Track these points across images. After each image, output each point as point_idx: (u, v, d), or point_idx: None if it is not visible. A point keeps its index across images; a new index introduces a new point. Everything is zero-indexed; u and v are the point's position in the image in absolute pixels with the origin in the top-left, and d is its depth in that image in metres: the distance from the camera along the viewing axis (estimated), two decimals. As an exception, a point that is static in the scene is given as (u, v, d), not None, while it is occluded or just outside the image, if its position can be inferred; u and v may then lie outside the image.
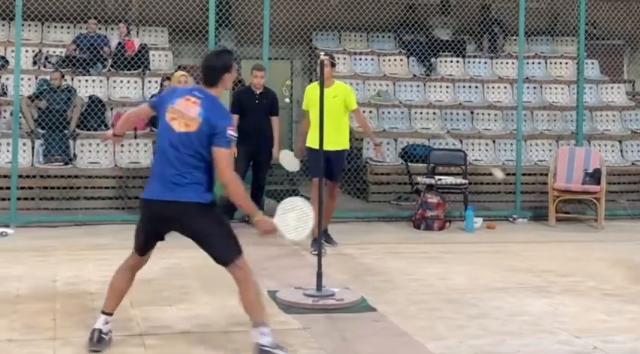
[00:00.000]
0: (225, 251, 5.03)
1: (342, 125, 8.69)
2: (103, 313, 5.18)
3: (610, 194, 11.79)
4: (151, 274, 7.40)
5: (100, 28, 13.63)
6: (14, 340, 5.32)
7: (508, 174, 12.51)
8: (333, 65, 8.73)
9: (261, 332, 4.96)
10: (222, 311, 6.12)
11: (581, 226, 11.11)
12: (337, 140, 8.61)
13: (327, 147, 8.21)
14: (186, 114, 4.95)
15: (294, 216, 5.27)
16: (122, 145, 11.66)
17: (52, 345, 5.21)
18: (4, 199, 10.50)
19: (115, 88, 13.01)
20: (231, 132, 5.01)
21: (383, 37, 15.57)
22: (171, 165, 4.94)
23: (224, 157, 4.99)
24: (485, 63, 15.29)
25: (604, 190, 10.94)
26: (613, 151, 13.79)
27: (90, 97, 12.19)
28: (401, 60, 15.07)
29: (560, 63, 15.61)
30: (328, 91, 8.53)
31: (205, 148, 4.93)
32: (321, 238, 7.04)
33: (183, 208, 4.94)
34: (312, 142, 8.06)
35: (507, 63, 15.17)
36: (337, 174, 8.89)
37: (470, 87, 14.72)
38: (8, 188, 10.20)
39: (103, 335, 5.10)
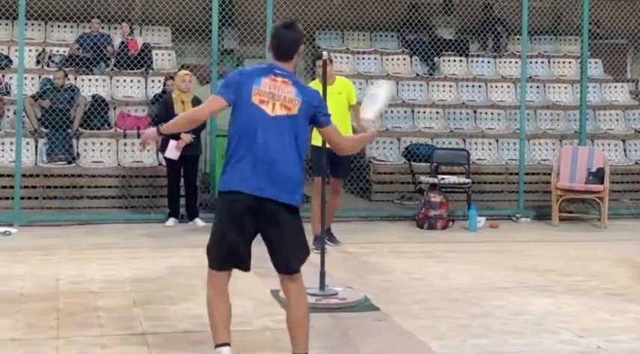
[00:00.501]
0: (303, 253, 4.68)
1: (346, 121, 8.67)
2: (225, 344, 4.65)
3: (613, 193, 11.79)
4: (155, 273, 7.43)
5: (103, 28, 13.64)
6: (17, 339, 5.33)
7: (511, 173, 12.54)
8: (330, 61, 8.70)
9: None
10: (225, 310, 6.11)
11: (584, 225, 11.10)
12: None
13: None
14: (280, 95, 4.48)
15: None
16: (125, 145, 11.68)
17: (55, 344, 5.21)
18: (7, 199, 10.52)
19: (118, 87, 13.02)
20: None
21: (386, 36, 15.56)
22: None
23: (336, 131, 4.67)
24: (489, 62, 15.28)
25: (607, 189, 10.93)
26: (616, 150, 13.77)
27: (93, 97, 12.21)
28: (404, 59, 15.07)
29: (564, 62, 15.59)
30: (333, 88, 8.54)
31: (305, 130, 4.54)
32: (324, 237, 7.03)
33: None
34: (317, 139, 8.02)
35: (510, 62, 15.16)
36: (343, 171, 8.87)
37: (473, 86, 14.71)
38: (12, 187, 10.22)
39: None
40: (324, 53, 7.01)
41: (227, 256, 4.61)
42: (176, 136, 9.86)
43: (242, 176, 4.41)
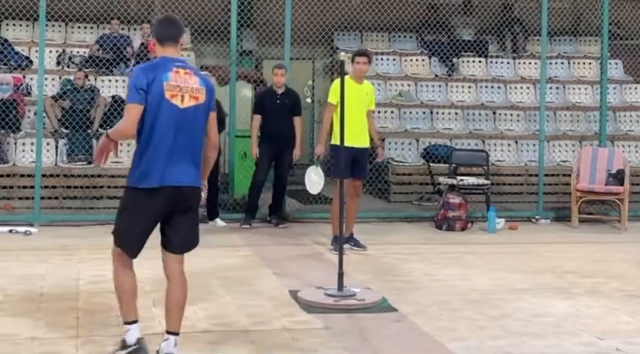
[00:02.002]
0: (197, 237, 4.95)
1: (366, 123, 8.67)
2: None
3: (634, 195, 11.72)
4: (173, 273, 7.44)
5: (122, 29, 13.70)
6: (37, 338, 5.36)
7: (531, 175, 12.50)
8: (370, 61, 8.67)
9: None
10: (244, 310, 6.13)
11: (604, 227, 11.05)
12: (365, 137, 8.62)
13: (357, 144, 8.23)
14: (188, 86, 4.72)
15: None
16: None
17: (74, 343, 5.24)
18: (28, 199, 10.59)
19: (137, 88, 13.04)
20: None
21: (405, 37, 15.55)
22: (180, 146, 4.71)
23: (214, 119, 4.95)
24: (508, 63, 15.24)
25: (627, 190, 10.87)
26: (637, 151, 13.70)
27: (113, 97, 12.26)
28: (423, 60, 15.05)
29: (584, 63, 15.52)
30: (361, 88, 8.54)
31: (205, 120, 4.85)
32: (342, 238, 7.03)
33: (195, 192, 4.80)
34: (336, 138, 7.99)
35: (530, 63, 15.11)
36: (364, 171, 8.86)
37: (492, 87, 14.68)
38: (32, 187, 10.29)
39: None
40: (343, 55, 7.01)
41: (142, 240, 4.85)
42: None
43: (159, 168, 4.66)
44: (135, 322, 4.86)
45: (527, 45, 15.40)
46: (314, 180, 8.20)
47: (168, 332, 4.84)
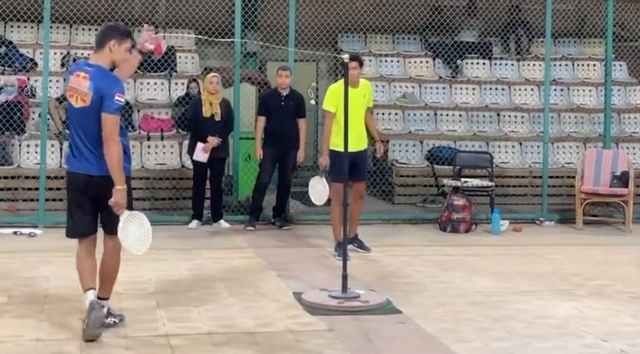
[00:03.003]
0: (117, 221, 5.35)
1: (363, 126, 8.65)
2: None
3: (638, 197, 11.68)
4: (177, 275, 7.47)
5: (127, 30, 13.70)
6: (42, 339, 5.37)
7: (535, 176, 12.48)
8: (361, 65, 8.66)
9: (102, 305, 5.44)
10: (248, 312, 6.14)
11: (608, 229, 11.03)
12: (363, 140, 8.61)
13: (355, 148, 8.19)
14: (79, 90, 5.34)
15: (136, 230, 5.46)
16: (149, 147, 11.74)
17: (78, 344, 5.25)
18: (32, 200, 10.60)
19: (142, 89, 13.09)
20: (120, 98, 5.25)
21: (409, 39, 15.52)
22: (80, 141, 5.38)
23: (109, 121, 5.27)
24: (512, 65, 15.22)
25: (632, 192, 10.86)
26: (642, 153, 13.68)
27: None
28: (427, 62, 15.03)
29: (588, 65, 15.50)
30: (358, 91, 8.52)
31: (99, 118, 5.29)
32: (346, 242, 7.03)
33: (103, 180, 5.32)
34: (338, 145, 7.97)
35: (534, 65, 15.09)
36: (364, 173, 8.84)
37: (496, 89, 14.66)
38: (37, 189, 10.30)
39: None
40: (345, 56, 7.01)
41: (84, 226, 5.61)
42: (203, 139, 9.93)
43: (72, 160, 5.48)
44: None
45: (531, 47, 15.38)
46: (319, 190, 8.23)
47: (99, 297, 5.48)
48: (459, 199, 10.51)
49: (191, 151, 10.17)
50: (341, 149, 7.43)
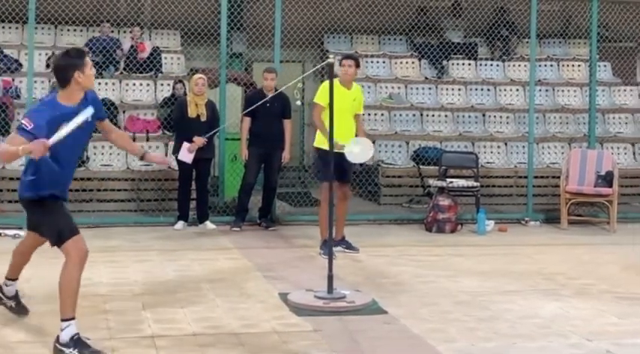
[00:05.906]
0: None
1: (352, 128, 8.66)
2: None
3: (623, 197, 11.76)
4: (163, 276, 7.45)
5: (112, 32, 13.68)
6: (25, 341, 5.35)
7: (520, 177, 12.52)
8: (357, 66, 8.64)
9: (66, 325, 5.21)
10: (234, 313, 6.13)
11: (593, 228, 11.08)
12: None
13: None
14: None
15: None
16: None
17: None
18: (17, 202, 10.49)
19: (127, 90, 13.06)
20: (23, 122, 5.08)
21: (395, 39, 15.56)
22: None
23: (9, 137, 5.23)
24: (498, 65, 15.28)
25: (616, 192, 10.91)
26: (625, 153, 13.76)
27: (102, 100, 12.22)
28: (413, 62, 15.07)
29: (573, 65, 15.57)
30: (350, 93, 8.53)
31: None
32: (332, 240, 7.03)
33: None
34: (323, 142, 7.97)
35: (519, 65, 15.15)
36: (349, 175, 8.84)
37: (482, 89, 14.72)
38: (21, 191, 10.23)
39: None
40: (332, 57, 6.99)
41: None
42: (189, 140, 9.90)
43: None
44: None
45: (517, 47, 15.43)
46: (355, 152, 7.60)
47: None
48: (445, 199, 10.53)
49: (176, 151, 10.15)
50: (324, 146, 7.42)
